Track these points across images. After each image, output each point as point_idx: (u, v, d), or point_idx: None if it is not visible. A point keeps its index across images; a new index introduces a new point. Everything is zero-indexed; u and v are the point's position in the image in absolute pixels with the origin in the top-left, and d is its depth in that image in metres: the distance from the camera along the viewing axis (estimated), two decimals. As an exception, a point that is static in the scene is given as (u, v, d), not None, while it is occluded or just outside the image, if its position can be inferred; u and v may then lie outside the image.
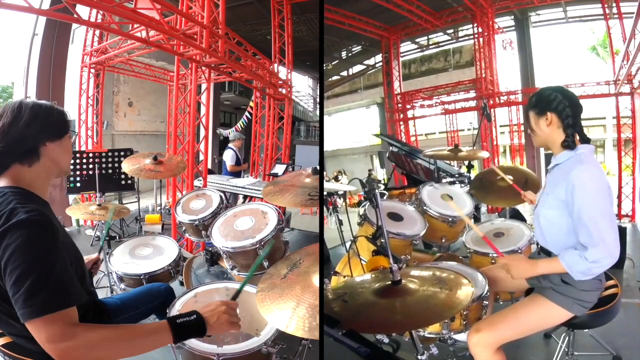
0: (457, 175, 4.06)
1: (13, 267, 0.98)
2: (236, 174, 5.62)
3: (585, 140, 1.53)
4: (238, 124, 9.04)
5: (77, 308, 1.04)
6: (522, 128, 8.31)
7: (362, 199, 2.94)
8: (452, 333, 1.67)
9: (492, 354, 1.52)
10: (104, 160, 4.42)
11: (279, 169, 5.77)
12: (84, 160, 4.34)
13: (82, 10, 3.51)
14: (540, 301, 1.53)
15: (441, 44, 10.56)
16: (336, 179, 9.16)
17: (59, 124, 1.27)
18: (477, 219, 3.18)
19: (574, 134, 1.50)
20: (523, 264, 1.54)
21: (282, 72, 7.21)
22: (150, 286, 1.84)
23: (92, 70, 5.72)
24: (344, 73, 12.23)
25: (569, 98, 1.52)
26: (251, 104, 7.72)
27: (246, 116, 8.32)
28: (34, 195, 1.19)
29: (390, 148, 4.59)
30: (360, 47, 11.02)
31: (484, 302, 1.71)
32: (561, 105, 1.50)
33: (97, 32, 5.52)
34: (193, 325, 1.11)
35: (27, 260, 0.98)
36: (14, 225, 1.01)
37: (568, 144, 1.50)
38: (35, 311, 0.95)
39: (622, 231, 3.57)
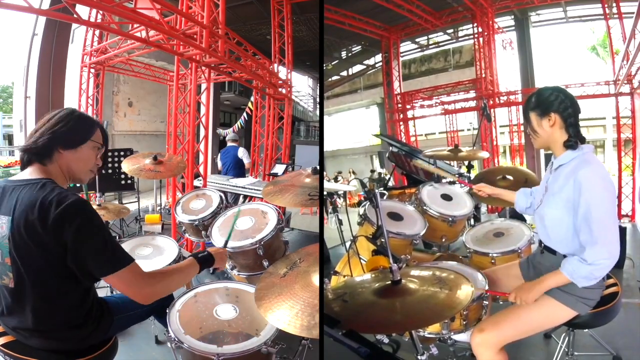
0: (457, 176, 4.06)
1: (83, 239, 1.20)
2: (242, 173, 5.64)
3: (582, 140, 1.53)
4: (236, 125, 9.07)
5: (81, 305, 1.31)
6: (522, 128, 8.30)
7: (362, 199, 2.94)
8: (452, 333, 1.67)
9: (495, 354, 1.52)
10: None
11: (279, 169, 5.76)
12: (84, 160, 4.33)
13: (82, 10, 3.50)
14: (544, 300, 1.53)
15: (441, 44, 10.56)
16: (335, 179, 9.14)
17: (76, 133, 1.35)
18: (477, 219, 3.18)
19: (576, 133, 1.51)
20: (529, 289, 1.53)
21: (282, 72, 7.21)
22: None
23: (92, 70, 5.71)
24: (344, 73, 12.23)
25: (570, 98, 1.52)
26: (250, 104, 7.72)
27: (244, 117, 8.32)
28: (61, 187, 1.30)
29: (390, 148, 4.58)
30: (360, 47, 11.02)
31: (484, 302, 1.71)
32: (563, 105, 1.50)
33: (97, 32, 5.52)
34: (207, 257, 1.56)
35: (92, 233, 1.21)
36: (70, 206, 1.19)
37: (571, 144, 1.50)
38: (113, 267, 1.23)
39: (622, 231, 3.55)
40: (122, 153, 4.51)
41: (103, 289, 2.64)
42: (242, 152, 5.66)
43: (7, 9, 2.99)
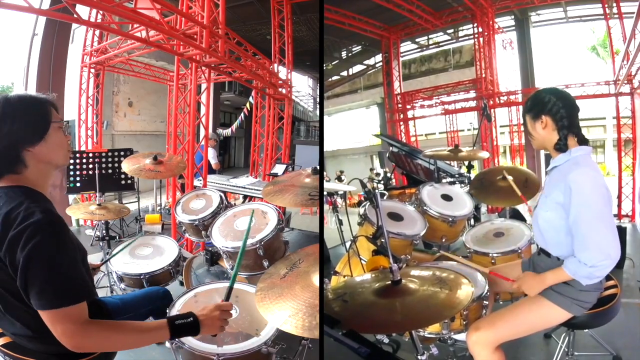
0: (457, 176, 4.06)
1: (30, 264, 1.04)
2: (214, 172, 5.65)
3: (584, 141, 1.53)
4: (233, 125, 9.07)
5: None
6: (522, 128, 8.30)
7: (362, 199, 2.94)
8: (452, 333, 1.67)
9: (491, 353, 1.52)
10: (104, 160, 4.42)
11: (279, 169, 5.75)
12: (84, 160, 4.33)
13: (82, 10, 3.50)
14: (540, 301, 1.53)
15: (441, 44, 10.56)
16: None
17: (33, 124, 1.17)
18: (477, 219, 3.18)
19: (567, 136, 1.51)
20: (533, 282, 1.53)
21: (282, 72, 7.21)
22: (149, 289, 1.86)
23: (92, 70, 5.72)
24: (344, 73, 12.23)
25: (563, 99, 1.52)
26: (248, 105, 7.72)
27: (241, 117, 8.33)
28: (39, 193, 1.19)
29: (390, 148, 4.58)
30: (360, 47, 11.02)
31: (484, 302, 1.71)
32: (555, 108, 1.50)
33: (97, 32, 5.52)
34: (188, 327, 1.21)
35: (42, 259, 1.05)
36: (30, 225, 1.05)
37: (560, 147, 1.51)
38: (48, 304, 1.04)
39: (622, 231, 3.57)
40: (122, 153, 4.50)
41: (103, 289, 2.64)
42: (208, 153, 5.70)
43: (7, 9, 2.99)
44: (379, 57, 10.46)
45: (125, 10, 3.38)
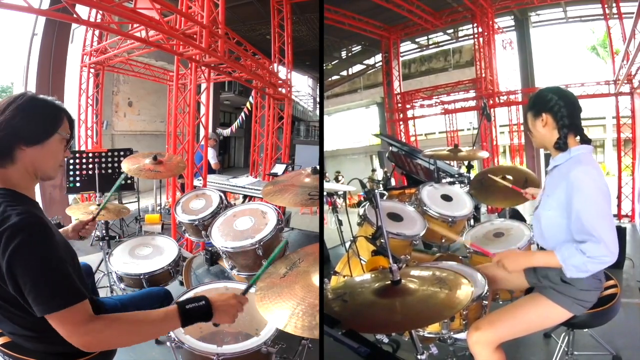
0: (456, 176, 4.06)
1: (14, 269, 1.01)
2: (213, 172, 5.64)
3: (586, 140, 1.53)
4: (233, 125, 9.05)
5: None
6: (522, 128, 8.32)
7: (362, 199, 2.94)
8: (451, 333, 1.67)
9: (491, 352, 1.52)
10: (103, 160, 4.41)
11: (279, 168, 5.74)
12: (84, 160, 4.33)
13: (82, 10, 3.50)
14: (540, 300, 1.54)
15: (441, 44, 10.56)
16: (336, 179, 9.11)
17: (41, 126, 1.17)
18: (476, 219, 3.18)
19: (567, 134, 1.51)
20: (516, 257, 1.55)
21: (282, 72, 7.21)
22: (150, 290, 1.86)
23: (92, 70, 5.72)
24: (344, 73, 12.23)
25: (564, 98, 1.52)
26: (248, 105, 7.71)
27: (241, 117, 8.32)
28: (22, 195, 1.16)
29: (390, 148, 4.58)
30: (360, 47, 11.02)
31: (484, 301, 1.71)
32: (556, 106, 1.50)
33: (97, 32, 5.52)
34: (200, 311, 1.16)
35: (26, 262, 1.01)
36: (7, 229, 1.02)
37: (559, 146, 1.51)
38: (46, 308, 1.01)
39: (622, 231, 3.57)
40: (122, 153, 4.50)
41: (103, 289, 2.64)
42: (208, 153, 5.68)
43: (7, 9, 2.99)
44: (378, 57, 10.45)
45: (125, 10, 3.38)
